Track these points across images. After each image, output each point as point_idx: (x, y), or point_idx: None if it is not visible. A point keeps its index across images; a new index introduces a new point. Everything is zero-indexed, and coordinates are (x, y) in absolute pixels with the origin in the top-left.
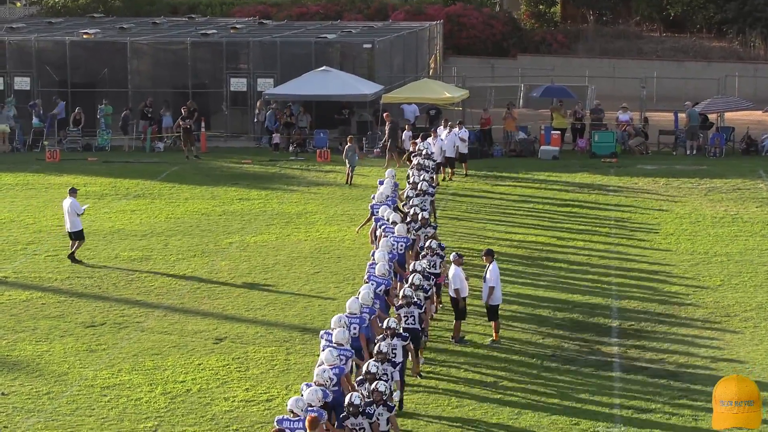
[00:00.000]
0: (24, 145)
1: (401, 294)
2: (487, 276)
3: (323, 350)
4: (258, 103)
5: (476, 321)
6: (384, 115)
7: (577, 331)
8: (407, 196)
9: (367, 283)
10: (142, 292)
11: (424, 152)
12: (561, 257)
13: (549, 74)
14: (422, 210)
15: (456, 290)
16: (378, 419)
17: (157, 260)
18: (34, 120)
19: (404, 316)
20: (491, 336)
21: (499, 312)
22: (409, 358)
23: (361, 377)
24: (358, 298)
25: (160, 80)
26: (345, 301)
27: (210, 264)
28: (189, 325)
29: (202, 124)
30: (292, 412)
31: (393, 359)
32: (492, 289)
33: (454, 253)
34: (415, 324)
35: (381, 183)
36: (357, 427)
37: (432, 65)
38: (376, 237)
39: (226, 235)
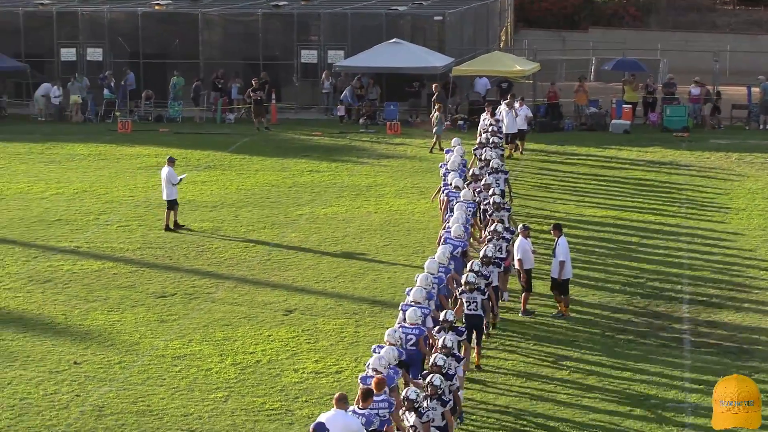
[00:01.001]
0: (96, 116)
1: (464, 280)
2: (557, 250)
3: (405, 310)
4: (323, 74)
5: (544, 295)
6: (433, 86)
7: (648, 307)
8: (473, 174)
9: (444, 244)
10: (213, 263)
11: (491, 129)
12: (631, 233)
13: (621, 47)
14: (494, 194)
15: (519, 261)
16: (431, 417)
17: (228, 231)
18: (105, 92)
19: (467, 302)
20: (557, 309)
21: (569, 286)
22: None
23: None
24: (434, 258)
25: (231, 52)
26: (413, 274)
27: (280, 235)
28: (259, 297)
29: (273, 96)
30: (375, 370)
31: (456, 353)
32: (562, 263)
33: (521, 225)
34: (477, 310)
35: (448, 152)
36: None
37: (503, 38)
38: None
39: (296, 206)
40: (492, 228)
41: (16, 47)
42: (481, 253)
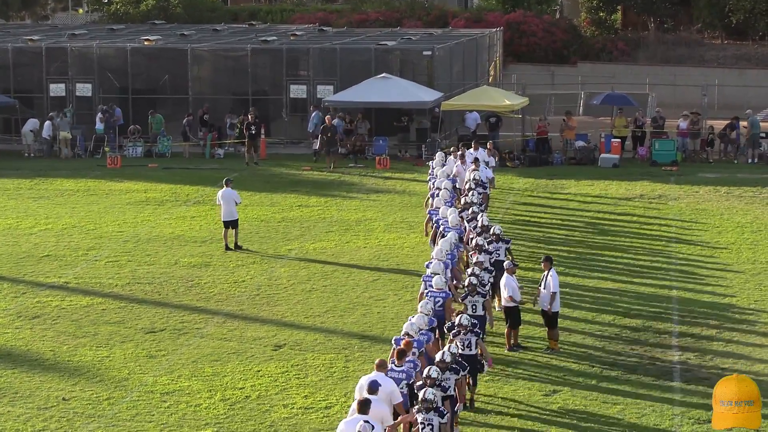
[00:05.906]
0: (85, 152)
1: (422, 397)
2: (549, 282)
3: (428, 281)
4: (311, 108)
5: (534, 329)
6: (326, 117)
7: (637, 341)
8: (477, 245)
9: (443, 236)
10: (202, 299)
11: (478, 181)
12: (621, 265)
13: (609, 82)
14: (481, 277)
15: (509, 297)
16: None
17: (217, 266)
18: (98, 125)
19: (421, 423)
20: (547, 344)
21: (559, 320)
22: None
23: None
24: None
25: (221, 87)
26: (403, 309)
27: (269, 271)
28: (248, 332)
29: (262, 131)
30: (407, 334)
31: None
32: (554, 295)
33: (507, 261)
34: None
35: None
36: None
37: (492, 72)
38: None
39: (285, 241)
40: (457, 321)
41: (5, 83)
42: (438, 357)
